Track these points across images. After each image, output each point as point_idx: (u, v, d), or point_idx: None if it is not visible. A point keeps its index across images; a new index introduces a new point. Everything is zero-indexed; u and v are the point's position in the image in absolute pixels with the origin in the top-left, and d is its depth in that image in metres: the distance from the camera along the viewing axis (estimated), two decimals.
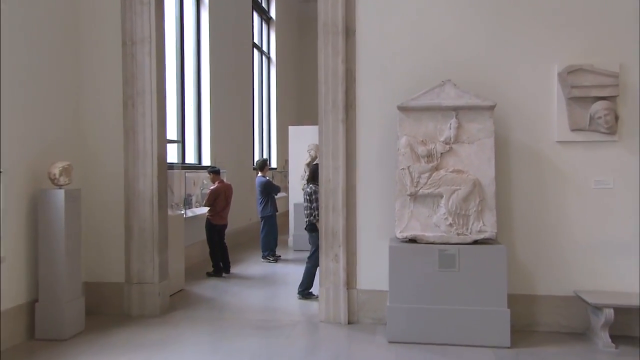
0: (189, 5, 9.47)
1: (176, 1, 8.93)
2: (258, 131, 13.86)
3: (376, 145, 5.21)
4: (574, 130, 4.88)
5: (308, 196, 6.30)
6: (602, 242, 4.87)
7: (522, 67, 4.98)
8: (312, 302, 6.02)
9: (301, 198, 9.95)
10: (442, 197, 4.72)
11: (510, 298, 4.59)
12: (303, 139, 9.94)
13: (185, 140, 9.16)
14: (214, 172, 7.97)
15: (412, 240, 4.76)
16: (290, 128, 10.56)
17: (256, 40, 13.66)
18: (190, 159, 9.40)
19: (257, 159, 9.94)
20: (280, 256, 9.12)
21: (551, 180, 4.96)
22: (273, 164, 14.81)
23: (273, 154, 15.18)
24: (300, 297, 6.29)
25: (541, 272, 4.98)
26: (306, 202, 6.31)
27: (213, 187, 7.85)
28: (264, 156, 13.99)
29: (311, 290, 6.26)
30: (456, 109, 4.75)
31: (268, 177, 9.14)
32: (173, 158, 8.51)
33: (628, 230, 4.82)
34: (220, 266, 7.78)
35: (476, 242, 4.67)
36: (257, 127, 13.77)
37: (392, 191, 4.96)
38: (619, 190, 4.86)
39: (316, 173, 5.67)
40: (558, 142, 4.94)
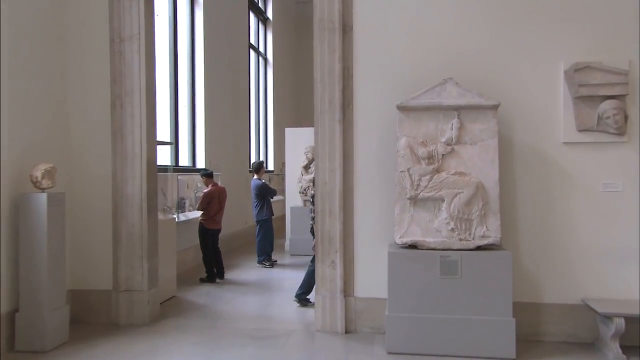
0: (183, 4, 9.26)
1: (169, 0, 8.72)
2: (255, 133, 13.66)
3: (374, 146, 5.01)
4: (581, 130, 4.68)
5: (312, 198, 6.12)
6: (611, 248, 4.66)
7: (527, 65, 4.78)
8: (308, 310, 5.80)
9: (298, 201, 9.87)
10: (444, 201, 4.52)
11: (514, 306, 4.37)
12: (300, 141, 9.80)
13: (178, 142, 8.95)
14: (207, 175, 7.76)
15: (412, 246, 4.55)
16: (287, 130, 10.37)
17: (252, 40, 13.47)
18: (184, 162, 9.18)
19: (253, 161, 9.73)
20: (276, 261, 8.91)
21: (557, 183, 4.76)
22: (270, 167, 14.61)
23: (270, 156, 14.98)
24: (296, 301, 6.07)
25: (547, 279, 4.77)
26: (312, 205, 6.14)
27: (206, 191, 7.64)
28: (261, 158, 13.78)
29: (309, 296, 6.04)
30: (458, 109, 4.55)
31: (264, 180, 8.92)
32: (166, 160, 8.29)
33: (638, 235, 4.61)
34: (213, 272, 7.56)
35: (479, 248, 4.46)
36: (254, 129, 13.57)
37: (391, 194, 4.76)
38: (628, 193, 4.65)
39: None
40: (564, 143, 4.74)
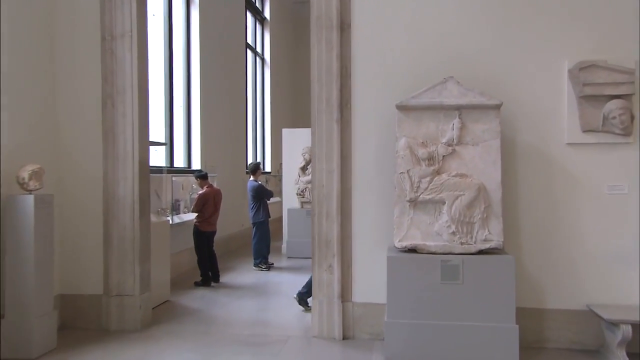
0: (178, 3, 9.11)
1: None
2: (251, 134, 13.51)
3: (373, 147, 4.86)
4: (586, 131, 4.54)
5: None
6: (617, 252, 4.52)
7: (530, 63, 4.64)
8: (305, 315, 5.65)
9: (295, 203, 9.73)
10: (445, 204, 4.37)
11: (517, 312, 4.21)
12: (297, 142, 9.67)
13: (173, 143, 8.79)
14: (201, 177, 7.61)
15: (412, 250, 4.40)
16: (284, 130, 10.22)
17: (250, 40, 13.32)
18: (179, 163, 9.02)
19: (250, 163, 9.58)
20: (273, 264, 8.75)
21: (561, 185, 4.62)
22: (267, 168, 14.46)
23: (267, 158, 14.83)
24: (296, 299, 5.91)
25: (551, 284, 4.63)
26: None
27: (201, 192, 7.49)
28: (258, 160, 13.63)
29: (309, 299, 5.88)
30: (459, 108, 4.41)
31: (260, 182, 8.77)
32: (160, 161, 8.14)
33: None
34: (208, 275, 7.40)
35: (481, 252, 4.31)
36: (251, 130, 13.41)
37: (390, 197, 4.61)
38: (634, 196, 4.51)
39: None
40: (568, 144, 4.60)
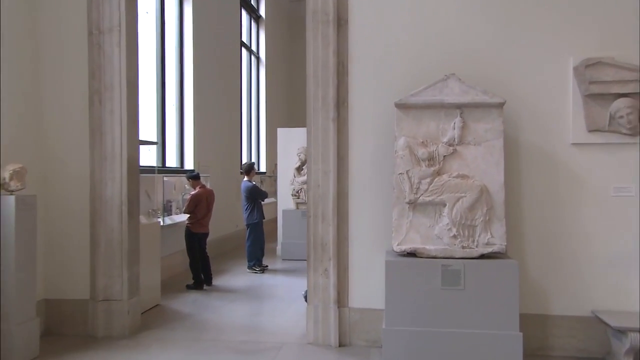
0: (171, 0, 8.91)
1: None
2: (246, 133, 13.32)
3: (371, 146, 4.69)
4: (592, 131, 4.38)
5: None
6: (623, 256, 4.36)
7: (534, 61, 4.48)
8: (300, 320, 5.43)
9: (290, 204, 9.55)
10: (445, 206, 4.20)
11: (520, 318, 4.04)
12: (293, 142, 9.51)
13: (165, 142, 8.59)
14: (193, 178, 7.41)
15: (411, 253, 4.22)
16: (279, 130, 10.04)
17: (245, 39, 13.13)
18: (171, 163, 8.82)
19: (244, 163, 9.39)
20: (267, 266, 8.57)
21: (566, 186, 4.46)
22: (262, 168, 14.27)
23: (262, 158, 14.64)
24: (305, 296, 5.72)
25: (555, 290, 4.47)
26: None
27: (193, 193, 7.29)
28: (252, 160, 13.43)
29: None
30: (461, 107, 4.23)
31: (255, 182, 8.58)
32: (151, 161, 7.93)
33: None
34: (201, 278, 7.21)
35: (483, 257, 4.14)
36: (245, 129, 13.22)
37: (389, 198, 4.44)
38: None
39: None
40: (574, 145, 4.44)
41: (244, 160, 12.29)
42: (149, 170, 7.47)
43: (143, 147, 7.66)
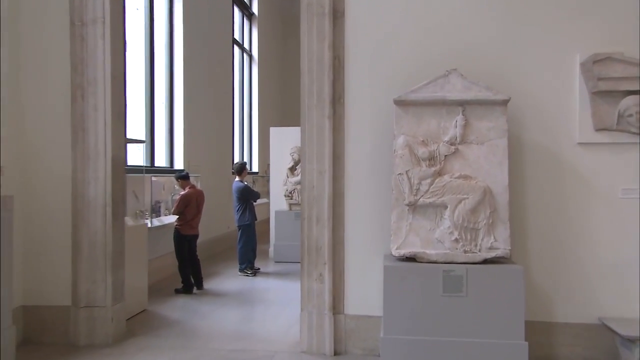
0: None
1: None
2: (238, 133, 13.07)
3: (368, 145, 4.48)
4: (599, 130, 4.20)
5: None
6: (632, 261, 4.17)
7: (538, 56, 4.28)
8: (293, 327, 5.21)
9: (283, 205, 9.33)
10: (447, 208, 3.99)
11: (525, 326, 3.85)
12: (286, 141, 9.30)
13: (155, 141, 8.33)
14: (182, 178, 7.16)
15: (411, 258, 4.02)
16: (271, 129, 9.81)
17: (237, 36, 12.88)
18: (160, 162, 8.56)
19: (236, 162, 9.16)
20: (259, 269, 8.34)
21: (572, 188, 4.27)
22: (254, 168, 14.03)
23: (254, 157, 14.40)
24: None
25: (560, 296, 4.28)
26: None
27: (183, 193, 7.04)
28: (244, 159, 13.19)
29: None
30: (463, 104, 4.03)
31: (246, 182, 8.34)
32: (139, 160, 7.67)
33: None
34: (190, 282, 6.96)
35: (486, 261, 3.94)
36: (237, 128, 12.98)
37: (387, 200, 4.24)
38: None
39: None
40: (580, 144, 4.26)
41: (236, 159, 12.06)
42: (137, 169, 7.23)
43: (132, 146, 7.42)
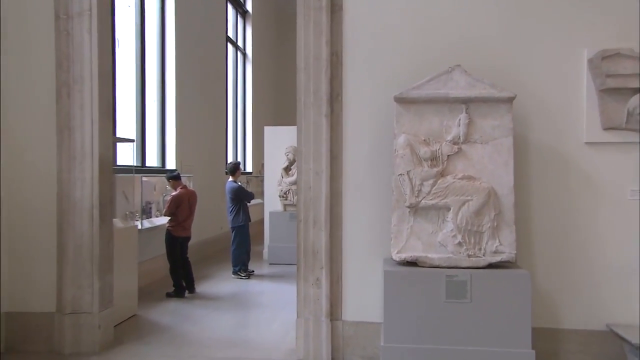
0: None
1: None
2: (232, 132, 12.86)
3: (367, 145, 4.31)
4: (607, 129, 4.05)
5: None
6: None
7: (545, 52, 4.12)
8: (289, 333, 5.03)
9: (278, 206, 9.14)
10: (450, 210, 3.83)
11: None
12: (280, 141, 9.12)
13: (145, 140, 8.11)
14: (174, 178, 6.95)
15: (412, 263, 3.85)
16: (266, 129, 9.62)
17: (230, 34, 12.67)
18: (152, 162, 8.34)
19: (229, 162, 8.97)
20: (253, 271, 8.14)
21: (579, 189, 4.12)
22: (248, 168, 13.82)
23: (248, 157, 14.18)
24: None
25: (567, 301, 4.12)
26: None
27: (174, 194, 6.83)
28: (238, 159, 12.98)
29: None
30: (467, 101, 3.86)
31: (240, 183, 8.14)
32: (129, 160, 7.46)
33: None
34: (182, 285, 6.76)
35: (491, 266, 3.78)
36: (231, 128, 12.76)
37: (387, 202, 4.07)
38: None
39: None
40: (587, 144, 4.10)
41: (229, 159, 11.86)
42: (127, 169, 7.02)
43: (123, 146, 7.21)
